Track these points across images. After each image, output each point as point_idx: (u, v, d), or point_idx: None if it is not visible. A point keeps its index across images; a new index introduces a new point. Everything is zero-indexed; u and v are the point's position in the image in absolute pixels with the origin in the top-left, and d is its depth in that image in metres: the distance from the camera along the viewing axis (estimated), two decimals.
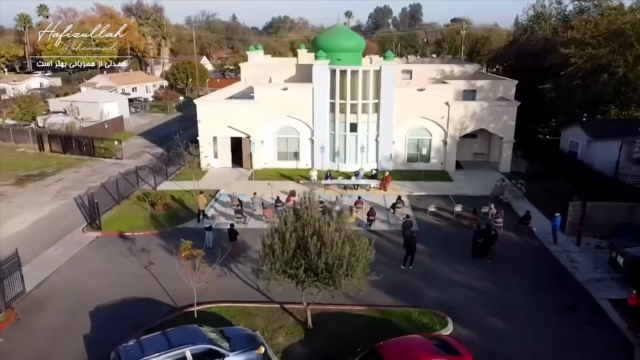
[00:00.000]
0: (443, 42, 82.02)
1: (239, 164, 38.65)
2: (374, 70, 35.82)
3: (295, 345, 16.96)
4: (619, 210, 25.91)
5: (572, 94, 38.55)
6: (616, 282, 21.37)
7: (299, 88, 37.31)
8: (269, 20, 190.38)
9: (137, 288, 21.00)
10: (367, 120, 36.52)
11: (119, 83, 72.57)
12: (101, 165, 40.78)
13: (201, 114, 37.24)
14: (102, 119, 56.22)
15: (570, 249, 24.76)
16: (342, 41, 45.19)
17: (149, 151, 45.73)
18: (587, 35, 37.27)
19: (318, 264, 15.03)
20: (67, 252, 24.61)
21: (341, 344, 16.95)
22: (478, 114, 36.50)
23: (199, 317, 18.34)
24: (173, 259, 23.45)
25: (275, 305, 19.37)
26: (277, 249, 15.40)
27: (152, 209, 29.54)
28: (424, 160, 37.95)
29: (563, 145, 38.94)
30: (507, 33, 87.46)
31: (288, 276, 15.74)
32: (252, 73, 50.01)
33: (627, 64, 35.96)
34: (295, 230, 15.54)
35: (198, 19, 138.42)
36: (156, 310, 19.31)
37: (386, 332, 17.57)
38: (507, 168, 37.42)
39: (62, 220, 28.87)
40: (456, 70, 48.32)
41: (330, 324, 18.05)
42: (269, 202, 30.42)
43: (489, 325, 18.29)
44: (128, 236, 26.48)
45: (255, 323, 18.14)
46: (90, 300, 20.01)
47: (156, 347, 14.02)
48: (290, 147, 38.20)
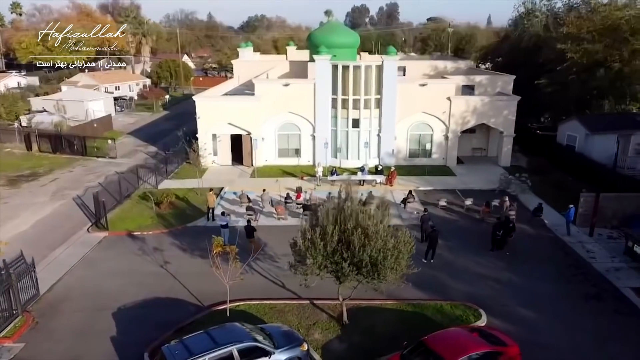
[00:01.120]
0: (429, 39, 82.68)
1: (239, 162, 38.05)
2: (376, 66, 35.68)
3: (333, 341, 16.64)
4: (628, 201, 26.32)
5: (569, 89, 39.13)
6: (635, 271, 21.67)
7: (301, 84, 36.93)
8: (245, 19, 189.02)
9: (157, 288, 20.37)
10: (369, 116, 36.38)
11: (101, 82, 70.79)
12: (95, 164, 39.64)
13: (200, 111, 36.51)
14: (88, 118, 54.84)
15: (583, 239, 25.05)
16: (338, 37, 44.93)
17: (142, 150, 44.70)
18: (584, 31, 37.86)
19: (362, 257, 14.76)
20: (76, 253, 23.75)
21: (379, 338, 16.74)
22: (479, 108, 36.73)
23: (229, 315, 17.88)
24: (189, 257, 23.13)
25: (304, 301, 19.02)
26: (319, 243, 15.05)
27: (157, 208, 28.80)
28: (425, 155, 38.03)
29: (560, 139, 39.50)
30: (490, 31, 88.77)
31: (330, 270, 15.41)
32: (245, 70, 49.50)
33: (622, 58, 36.68)
34: (337, 224, 15.22)
35: (177, 17, 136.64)
36: (181, 310, 18.75)
37: (421, 325, 17.48)
38: (508, 162, 37.78)
39: (65, 221, 27.91)
40: (449, 67, 48.76)
41: (364, 318, 17.79)
42: (277, 199, 30.02)
43: (521, 316, 18.29)
44: (137, 236, 25.73)
45: (288, 320, 17.76)
46: (110, 302, 19.32)
47: (202, 347, 13.52)
48: (291, 143, 37.78)
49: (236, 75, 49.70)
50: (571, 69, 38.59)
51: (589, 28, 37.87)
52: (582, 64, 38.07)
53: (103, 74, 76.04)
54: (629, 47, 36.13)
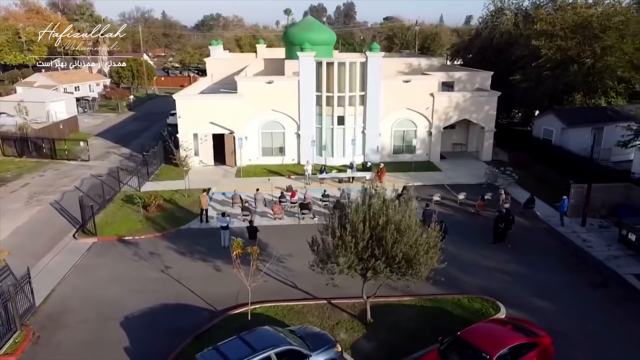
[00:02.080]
0: (394, 37, 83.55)
1: (221, 162, 37.07)
2: (361, 62, 35.53)
3: (361, 341, 16.29)
4: (615, 191, 27.24)
5: (543, 84, 40.22)
6: (632, 258, 22.37)
7: (285, 81, 36.31)
8: (201, 18, 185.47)
9: (163, 294, 19.43)
10: (354, 113, 36.19)
11: (60, 82, 67.55)
12: (67, 167, 37.64)
13: (181, 110, 35.28)
14: (49, 120, 52.27)
15: (577, 229, 25.71)
16: (314, 34, 44.58)
17: (114, 152, 42.85)
18: (557, 28, 39.04)
19: (396, 253, 14.47)
20: (66, 261, 22.39)
21: (405, 335, 16.53)
22: (461, 104, 37.22)
23: (246, 318, 17.22)
24: (189, 261, 22.26)
25: (321, 301, 18.59)
26: (350, 240, 14.65)
27: (145, 211, 27.59)
28: (409, 151, 38.18)
29: (537, 133, 40.60)
30: (449, 29, 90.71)
31: (361, 268, 15.06)
32: (218, 68, 48.34)
33: (594, 54, 38.01)
34: (367, 220, 14.87)
35: (133, 16, 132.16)
36: (193, 316, 17.94)
37: (444, 320, 17.46)
38: (489, 157, 38.48)
39: (46, 227, 26.32)
40: (423, 64, 49.12)
41: (386, 316, 17.54)
42: (269, 198, 29.39)
43: (537, 307, 18.49)
44: (129, 240, 24.54)
45: (309, 321, 17.27)
46: (114, 311, 18.26)
47: (240, 353, 12.87)
48: (275, 142, 37.11)
49: (209, 74, 48.39)
50: (545, 65, 39.65)
51: (562, 25, 39.10)
52: (556, 59, 39.22)
53: (61, 74, 72.62)
54: (601, 43, 37.48)
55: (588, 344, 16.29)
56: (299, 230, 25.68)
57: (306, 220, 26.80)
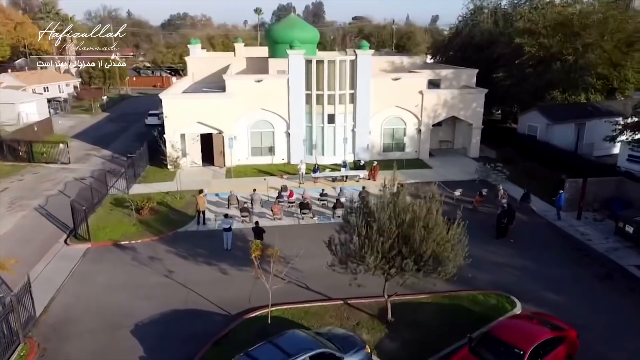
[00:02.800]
0: (371, 36, 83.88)
1: (209, 162, 36.26)
2: (351, 60, 35.32)
3: (385, 341, 16.03)
4: (607, 185, 27.85)
5: (526, 82, 40.94)
6: (631, 250, 22.85)
7: (274, 79, 35.74)
8: (167, 18, 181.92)
9: (171, 300, 18.71)
10: (344, 111, 35.96)
11: (28, 82, 64.91)
12: (47, 171, 36.09)
13: (168, 110, 34.29)
14: (20, 122, 50.25)
15: (574, 223, 26.15)
16: (298, 32, 44.26)
17: (95, 154, 41.40)
18: (540, 26, 39.77)
19: (424, 251, 14.28)
20: (62, 268, 21.36)
21: (428, 333, 16.37)
22: (449, 101, 37.48)
23: (264, 321, 16.75)
24: (193, 264, 21.61)
25: (337, 302, 18.25)
26: (377, 239, 14.38)
27: (138, 215, 26.65)
28: (399, 149, 38.23)
29: (521, 129, 41.28)
30: (423, 30, 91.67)
31: (390, 267, 14.80)
32: (199, 67, 47.39)
33: (576, 52, 38.89)
34: (393, 217, 14.63)
35: (99, 14, 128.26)
36: (207, 321, 17.33)
37: (464, 317, 17.43)
38: (477, 153, 38.88)
39: (34, 234, 25.09)
40: (406, 62, 49.34)
41: (405, 314, 17.33)
42: (265, 199, 28.87)
43: (550, 300, 18.64)
44: (126, 245, 23.60)
45: (328, 322, 16.92)
46: (122, 319, 17.47)
47: (274, 358, 12.42)
48: (265, 141, 36.52)
49: (190, 73, 47.34)
50: (528, 62, 40.36)
51: (545, 23, 39.85)
52: (539, 57, 39.98)
53: (29, 74, 69.84)
54: (581, 40, 38.39)
55: (607, 336, 16.46)
56: (300, 230, 25.35)
57: (306, 220, 26.41)
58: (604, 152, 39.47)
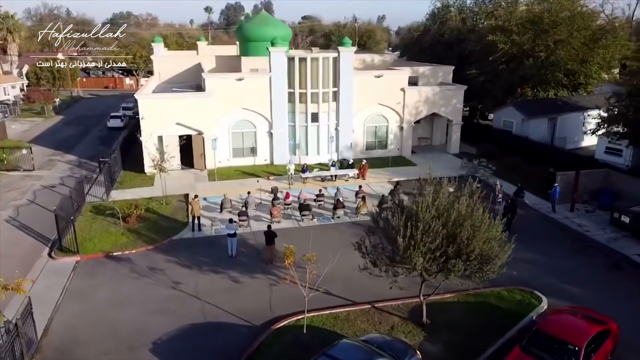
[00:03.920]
0: (332, 34, 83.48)
1: (188, 165, 34.64)
2: (333, 57, 34.67)
3: (425, 344, 15.48)
4: (595, 177, 28.61)
5: (499, 78, 41.73)
6: (630, 239, 23.44)
7: (256, 78, 34.51)
8: (110, 17, 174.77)
9: (186, 313, 17.43)
10: (327, 110, 35.28)
11: None
12: (10, 179, 33.27)
13: (144, 111, 32.41)
14: None
15: (568, 215, 26.67)
16: (271, 30, 43.16)
17: (59, 159, 38.68)
18: (512, 23, 40.60)
19: (472, 250, 13.86)
20: (53, 285, 19.51)
21: (466, 333, 16.01)
22: (430, 98, 37.57)
23: (295, 331, 15.85)
24: (199, 273, 20.40)
25: (364, 306, 17.56)
26: (425, 240, 13.81)
27: (125, 223, 24.92)
28: (381, 147, 37.97)
29: (496, 124, 42.02)
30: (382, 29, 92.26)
31: (438, 268, 14.28)
32: (166, 66, 45.40)
33: (547, 48, 39.97)
34: (436, 217, 14.13)
35: (39, 12, 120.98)
36: (233, 333, 16.23)
37: (495, 314, 17.28)
38: (457, 149, 39.21)
39: (11, 248, 22.90)
40: (377, 60, 49.22)
41: (437, 315, 16.87)
42: (257, 201, 27.78)
43: (570, 293, 18.76)
44: (119, 256, 21.93)
45: (362, 328, 16.24)
46: (137, 337, 16.07)
47: None
48: (246, 142, 35.25)
49: (157, 72, 45.21)
50: (501, 59, 41.11)
51: (517, 21, 40.73)
52: (512, 54, 40.81)
53: None
54: (552, 37, 39.50)
55: (637, 326, 16.61)
56: (303, 232, 24.37)
57: (306, 222, 25.56)
58: (574, 146, 40.94)
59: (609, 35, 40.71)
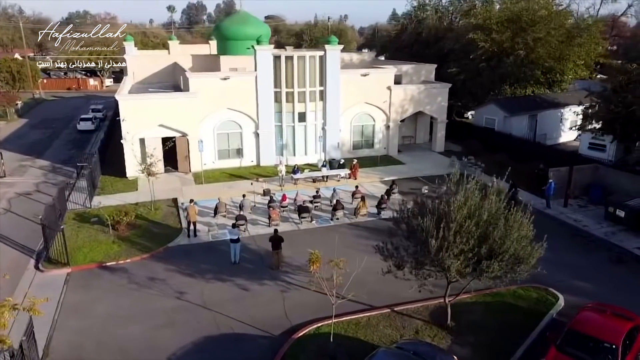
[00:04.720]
0: (303, 34, 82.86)
1: (172, 168, 33.33)
2: (320, 56, 34.04)
3: (453, 347, 15.09)
4: (585, 172, 29.02)
5: (480, 76, 42.08)
6: (628, 233, 23.78)
7: (241, 77, 33.48)
8: (66, 15, 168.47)
9: (196, 325, 16.48)
10: (314, 109, 34.64)
11: None
12: None
13: (125, 112, 30.93)
14: None
15: (563, 211, 26.94)
16: (250, 29, 42.28)
17: (30, 165, 36.56)
18: (492, 22, 41.00)
19: (506, 249, 13.55)
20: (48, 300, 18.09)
21: (491, 334, 15.75)
22: (416, 97, 37.45)
23: (319, 339, 15.17)
24: (204, 282, 19.46)
25: (383, 310, 17.05)
26: (458, 241, 13.40)
27: (115, 231, 23.61)
28: (368, 146, 37.62)
29: (478, 121, 42.35)
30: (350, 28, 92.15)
31: (473, 268, 13.90)
32: (140, 67, 43.86)
33: (527, 47, 40.55)
34: (468, 217, 13.75)
35: None
36: (252, 345, 15.43)
37: (516, 313, 17.17)
38: (442, 148, 39.25)
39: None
40: (355, 58, 49.07)
41: (459, 317, 16.51)
42: (252, 204, 26.88)
43: (582, 288, 18.79)
44: (113, 267, 20.68)
45: (386, 333, 15.74)
46: (149, 354, 15.07)
47: None
48: (232, 143, 34.20)
49: (130, 72, 43.53)
50: (481, 57, 41.46)
51: (496, 19, 41.16)
52: (492, 52, 41.22)
53: None
54: (531, 35, 40.10)
55: None
56: (304, 235, 23.78)
57: (305, 225, 24.86)
58: (553, 142, 41.66)
59: (584, 34, 41.68)
